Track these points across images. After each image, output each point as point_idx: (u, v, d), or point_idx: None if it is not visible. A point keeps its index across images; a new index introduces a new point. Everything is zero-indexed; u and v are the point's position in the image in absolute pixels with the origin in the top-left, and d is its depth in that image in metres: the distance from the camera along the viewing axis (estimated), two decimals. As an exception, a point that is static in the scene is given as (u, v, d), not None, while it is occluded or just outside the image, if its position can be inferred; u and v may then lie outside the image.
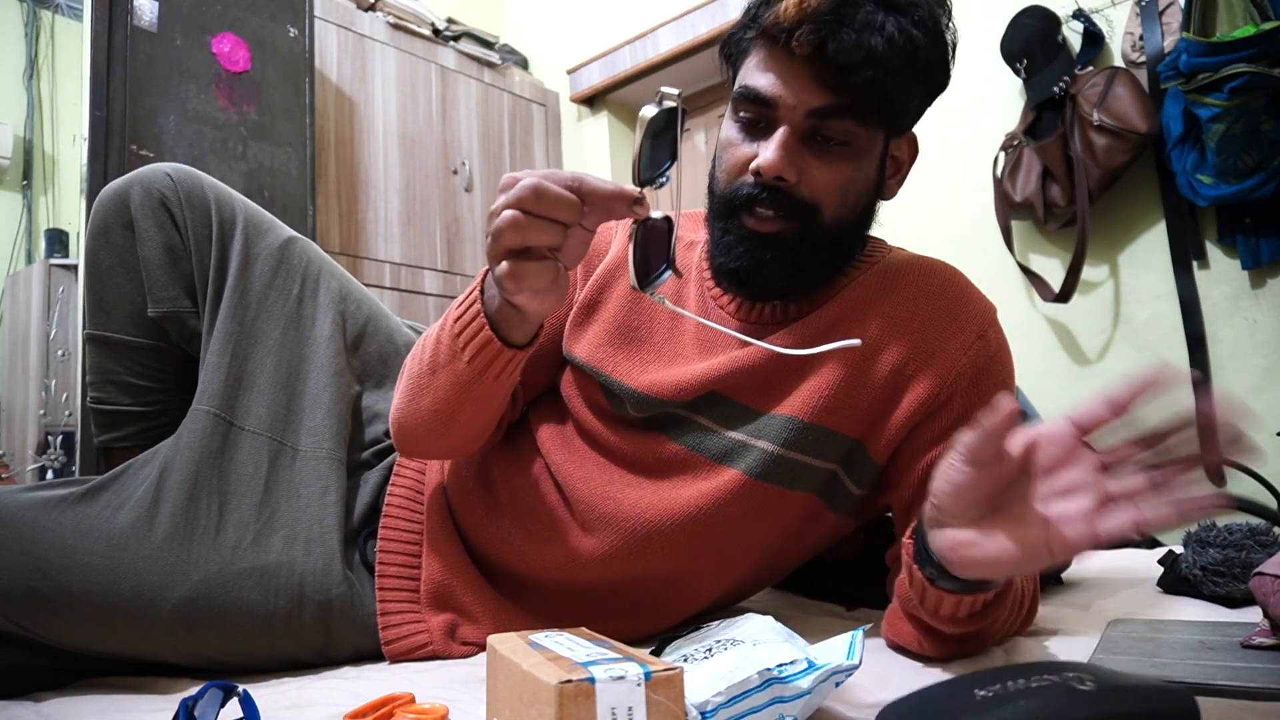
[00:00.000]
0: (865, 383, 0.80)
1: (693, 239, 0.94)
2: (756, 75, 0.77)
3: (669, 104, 0.62)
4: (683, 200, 0.78)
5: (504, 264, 0.64)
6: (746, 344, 0.84)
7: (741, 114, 0.78)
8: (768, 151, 0.75)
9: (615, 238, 0.95)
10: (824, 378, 0.81)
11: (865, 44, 0.71)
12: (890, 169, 0.84)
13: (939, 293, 0.83)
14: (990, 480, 0.56)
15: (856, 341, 0.59)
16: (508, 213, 0.61)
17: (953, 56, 0.81)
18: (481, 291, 0.73)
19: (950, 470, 0.58)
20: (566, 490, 0.86)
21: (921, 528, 0.65)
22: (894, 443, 0.82)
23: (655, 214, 0.63)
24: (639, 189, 0.62)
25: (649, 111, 0.61)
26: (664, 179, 0.63)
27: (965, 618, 0.67)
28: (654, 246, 0.65)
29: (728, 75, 0.84)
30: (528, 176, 0.62)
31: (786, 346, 0.81)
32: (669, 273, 0.65)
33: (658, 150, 0.63)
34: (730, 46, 0.82)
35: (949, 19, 0.78)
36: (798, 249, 0.79)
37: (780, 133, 0.75)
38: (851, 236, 0.83)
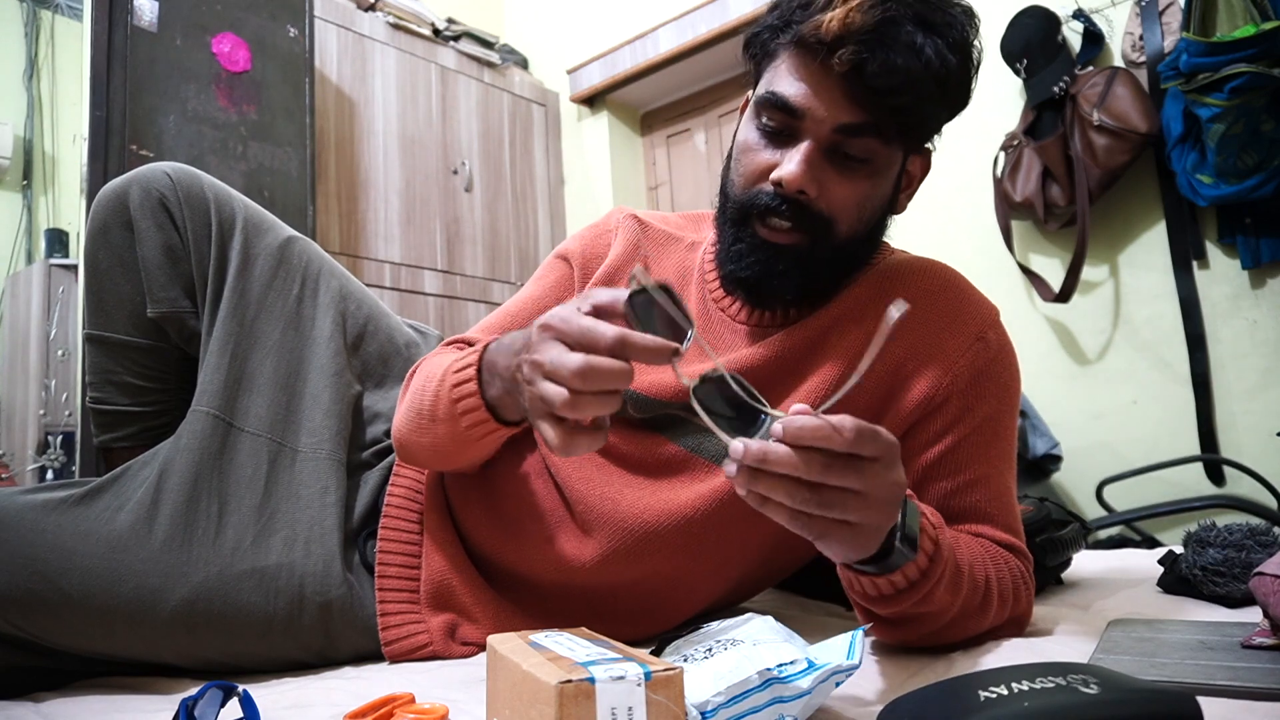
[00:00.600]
0: (864, 382, 0.80)
1: (694, 239, 0.94)
2: (787, 83, 0.75)
3: (645, 283, 0.59)
4: (681, 202, 0.78)
5: (553, 433, 0.61)
6: (747, 343, 0.84)
7: (765, 120, 0.77)
8: (791, 164, 0.74)
9: (614, 241, 0.95)
10: (823, 378, 0.81)
11: (905, 66, 0.71)
12: (904, 183, 0.84)
13: (938, 293, 0.83)
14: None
15: (903, 305, 0.55)
16: (558, 391, 0.59)
17: (976, 75, 0.80)
18: (478, 371, 0.75)
19: None
20: (566, 491, 0.86)
21: None
22: (892, 442, 0.82)
23: (649, 283, 0.60)
24: (678, 345, 0.59)
25: (634, 298, 0.59)
26: (690, 337, 0.61)
27: (889, 597, 0.67)
28: (665, 315, 0.62)
29: (750, 71, 0.83)
30: (570, 359, 0.58)
31: (786, 348, 0.82)
32: (693, 331, 0.62)
33: (666, 323, 0.60)
34: (757, 45, 0.80)
35: (977, 37, 0.77)
36: (808, 261, 0.79)
37: (805, 146, 0.74)
38: (861, 249, 0.83)
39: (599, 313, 0.61)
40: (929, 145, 0.84)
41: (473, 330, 0.96)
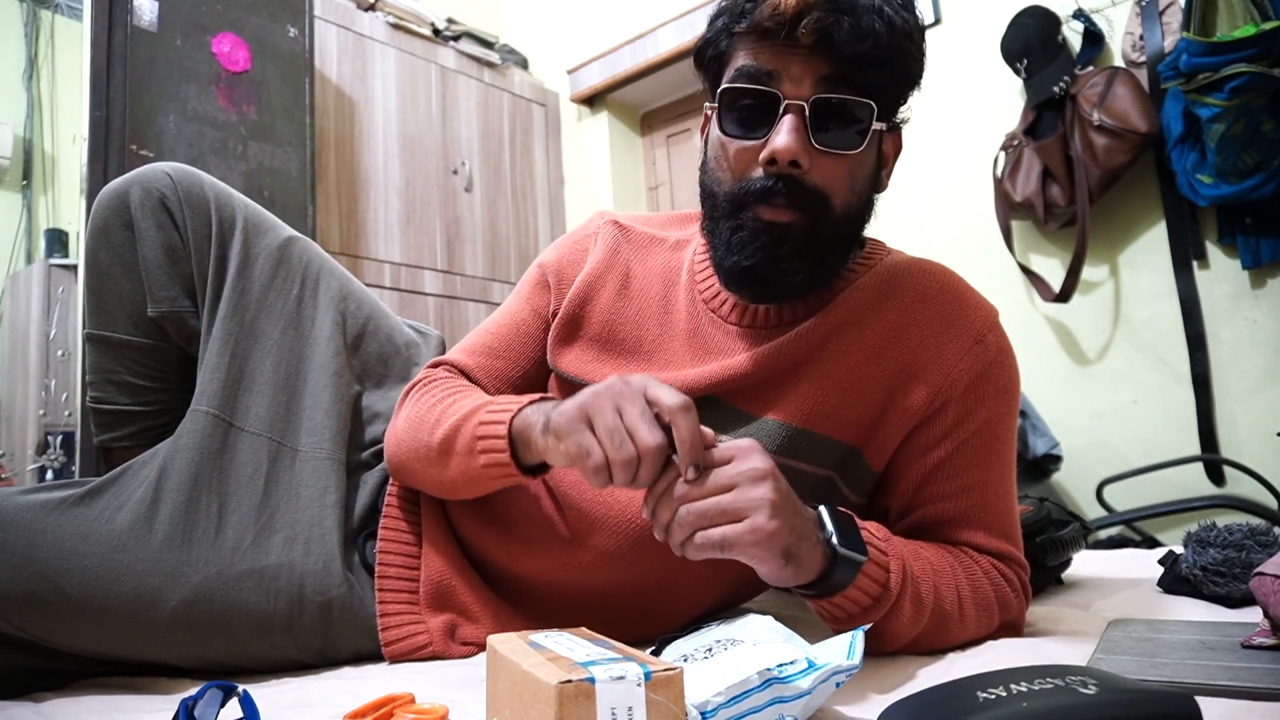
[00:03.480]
0: (861, 387, 0.80)
1: (679, 238, 0.93)
2: (751, 58, 0.75)
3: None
4: (681, 202, 0.78)
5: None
6: (741, 346, 0.83)
7: (742, 104, 0.76)
8: (780, 137, 0.73)
9: (592, 249, 0.94)
10: (817, 383, 0.80)
11: (872, 26, 0.72)
12: (881, 158, 0.83)
13: (937, 296, 0.82)
14: None
15: None
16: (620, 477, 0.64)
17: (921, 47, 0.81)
18: (511, 418, 0.76)
19: None
20: (559, 495, 0.86)
21: None
22: (890, 449, 0.81)
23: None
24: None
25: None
26: None
27: (855, 616, 0.70)
28: None
29: (705, 85, 0.83)
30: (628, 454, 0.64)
31: (783, 352, 0.81)
32: None
33: None
34: (711, 51, 0.80)
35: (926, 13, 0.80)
36: (812, 242, 0.77)
37: (788, 118, 0.73)
38: (856, 229, 0.83)
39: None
40: (898, 120, 0.83)
41: (453, 352, 0.95)
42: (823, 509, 0.69)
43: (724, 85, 0.77)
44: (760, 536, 0.62)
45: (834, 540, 0.67)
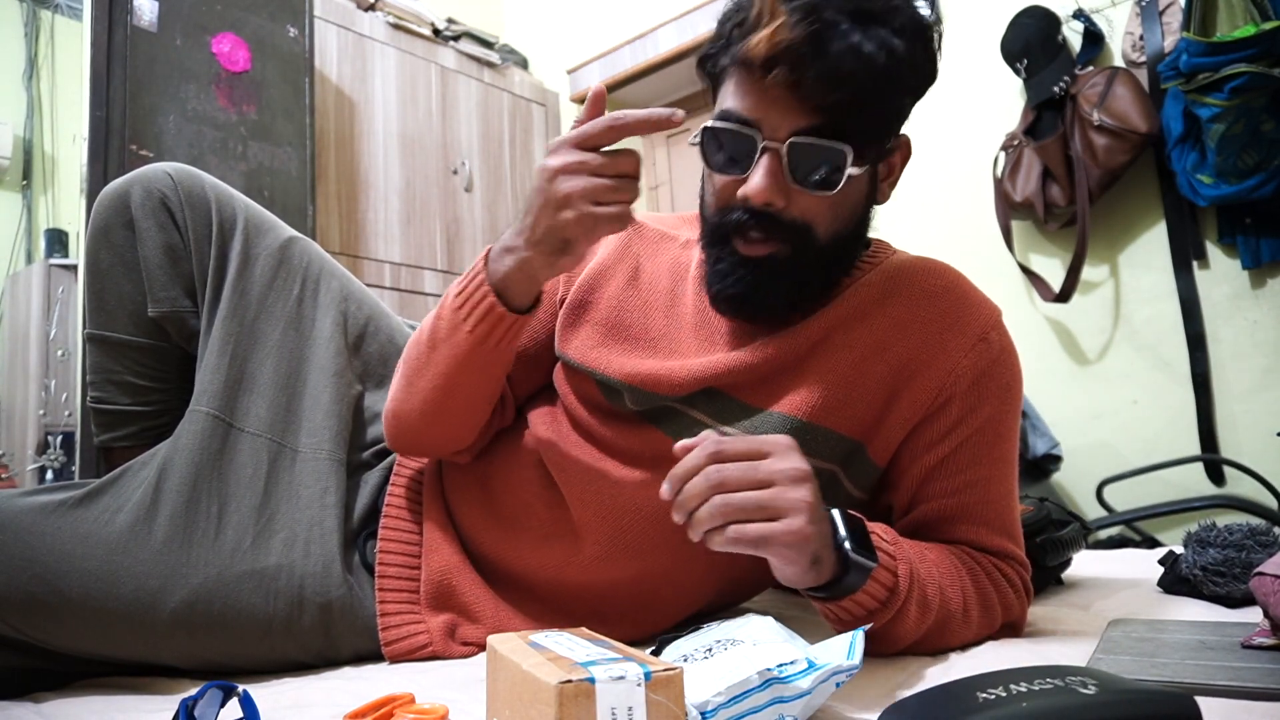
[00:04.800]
0: (865, 382, 0.80)
1: (689, 237, 0.94)
2: (736, 100, 0.75)
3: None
4: (681, 202, 0.78)
5: (572, 214, 0.72)
6: (747, 340, 0.84)
7: (723, 140, 0.77)
8: (753, 181, 0.74)
9: (603, 241, 0.94)
10: (823, 377, 0.80)
11: (847, 72, 0.70)
12: (883, 172, 0.82)
13: (942, 294, 0.83)
14: None
15: None
16: (578, 182, 0.71)
17: (940, 47, 0.79)
18: (485, 263, 0.79)
19: None
20: (562, 487, 0.86)
21: None
22: (894, 445, 0.82)
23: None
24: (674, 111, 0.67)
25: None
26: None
27: (860, 619, 0.69)
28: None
29: (709, 93, 0.83)
30: (568, 151, 0.71)
31: (789, 346, 0.82)
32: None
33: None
34: (709, 65, 0.80)
35: (934, 10, 0.77)
36: (793, 269, 0.78)
37: (764, 160, 0.74)
38: (848, 248, 0.82)
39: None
40: (903, 131, 0.82)
41: None
42: (835, 512, 0.68)
43: (707, 124, 0.78)
44: (797, 539, 0.62)
45: (846, 545, 0.67)
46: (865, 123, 0.74)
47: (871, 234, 0.92)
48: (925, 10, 0.76)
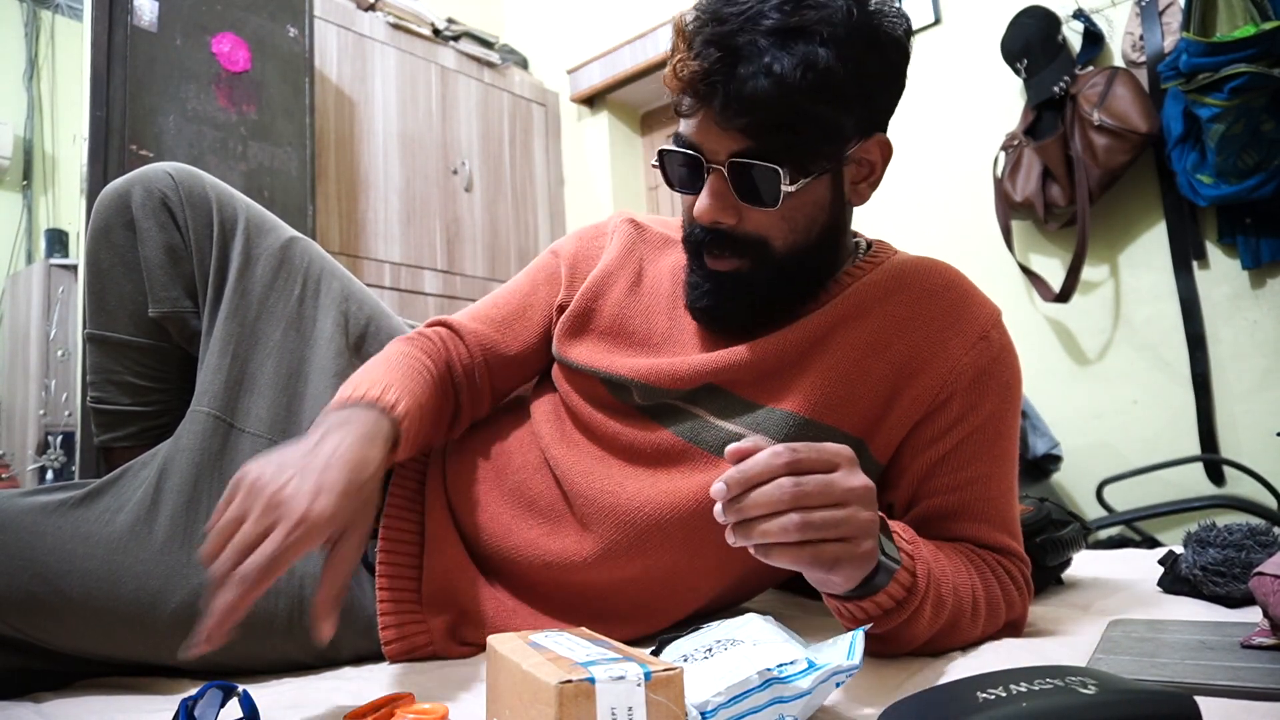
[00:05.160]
0: (866, 379, 0.81)
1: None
2: (683, 124, 0.78)
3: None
4: (679, 203, 0.79)
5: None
6: (746, 338, 0.85)
7: (675, 163, 0.80)
8: (700, 201, 0.77)
9: (608, 245, 0.97)
10: (824, 374, 0.81)
11: (753, 94, 0.70)
12: (860, 173, 0.82)
13: (943, 292, 0.83)
14: None
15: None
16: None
17: (907, 36, 0.78)
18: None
19: None
20: (565, 484, 0.87)
21: None
22: (894, 442, 0.82)
23: None
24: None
25: None
26: None
27: (878, 618, 0.68)
28: None
29: None
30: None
31: (788, 342, 0.83)
32: None
33: None
34: None
35: (870, 15, 0.74)
36: (754, 283, 0.81)
37: (709, 181, 0.77)
38: (818, 255, 0.83)
39: None
40: (877, 130, 0.81)
41: (461, 313, 0.97)
42: None
43: (661, 147, 0.80)
44: (866, 561, 0.61)
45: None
46: (793, 139, 0.74)
47: (871, 234, 0.93)
48: (867, 20, 0.74)
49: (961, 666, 0.71)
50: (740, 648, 0.57)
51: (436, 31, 3.07)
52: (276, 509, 0.62)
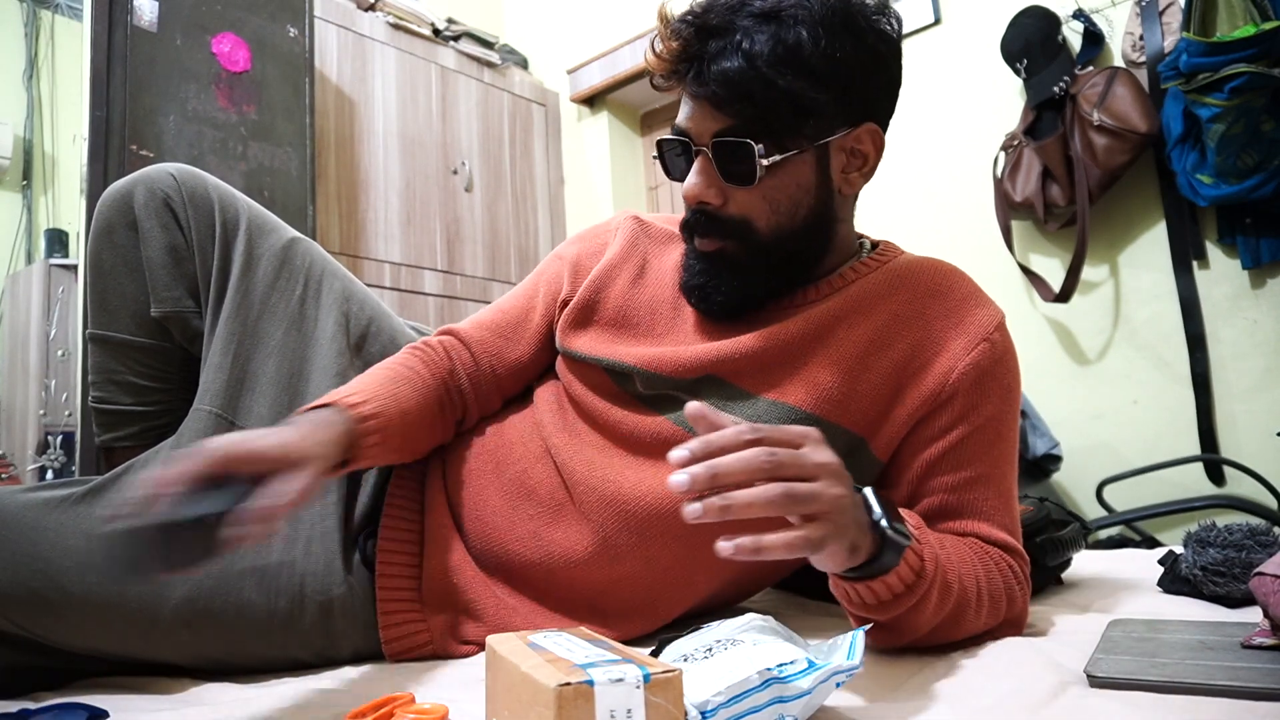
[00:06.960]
0: (869, 378, 0.81)
1: None
2: (679, 115, 0.82)
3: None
4: (681, 202, 0.80)
5: None
6: (746, 329, 0.86)
7: (670, 150, 0.84)
8: (688, 180, 0.82)
9: (611, 241, 0.98)
10: (826, 368, 0.81)
11: (724, 70, 0.75)
12: (853, 163, 0.83)
13: (947, 292, 0.84)
14: None
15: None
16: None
17: (895, 31, 0.81)
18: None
19: None
20: (566, 474, 0.87)
21: None
22: (896, 440, 0.82)
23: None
24: None
25: None
26: None
27: (887, 603, 0.67)
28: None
29: None
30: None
31: (789, 333, 0.84)
32: None
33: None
34: None
35: (865, 4, 0.79)
36: (739, 265, 0.83)
37: (696, 162, 0.81)
38: (806, 241, 0.84)
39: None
40: (868, 120, 0.82)
41: (466, 322, 0.98)
42: (868, 491, 0.67)
43: (659, 138, 0.85)
44: (842, 542, 0.61)
45: (883, 523, 0.65)
46: (765, 114, 0.77)
47: (871, 235, 0.93)
48: (875, 9, 0.79)
49: (964, 665, 0.70)
50: (740, 647, 0.57)
51: (436, 31, 3.07)
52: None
